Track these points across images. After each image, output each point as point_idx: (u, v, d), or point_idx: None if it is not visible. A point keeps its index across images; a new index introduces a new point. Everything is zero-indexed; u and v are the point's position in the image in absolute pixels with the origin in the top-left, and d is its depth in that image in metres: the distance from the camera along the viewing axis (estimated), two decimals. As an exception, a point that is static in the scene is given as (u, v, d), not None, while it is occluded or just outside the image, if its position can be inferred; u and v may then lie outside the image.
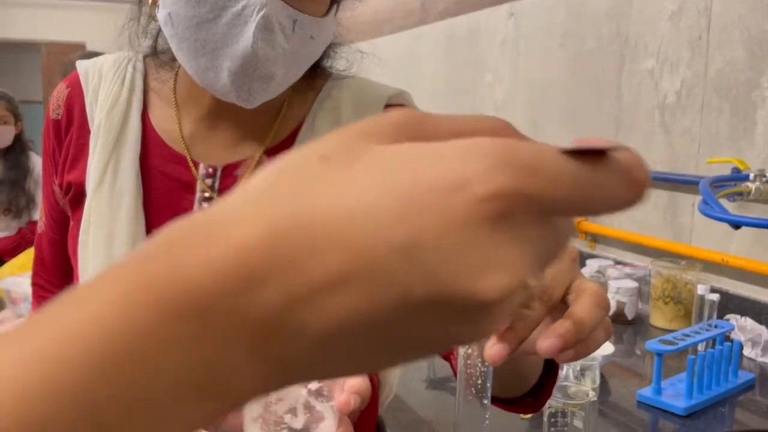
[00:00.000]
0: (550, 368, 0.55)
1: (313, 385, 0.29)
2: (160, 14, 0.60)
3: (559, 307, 0.34)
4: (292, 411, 0.29)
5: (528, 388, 0.54)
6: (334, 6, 0.64)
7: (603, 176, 0.19)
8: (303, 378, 0.20)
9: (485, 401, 0.32)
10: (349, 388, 0.33)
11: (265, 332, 0.18)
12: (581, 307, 0.33)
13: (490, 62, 2.40)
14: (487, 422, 0.33)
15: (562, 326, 0.32)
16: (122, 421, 0.17)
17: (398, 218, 0.17)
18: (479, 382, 0.31)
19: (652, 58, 1.68)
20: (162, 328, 0.17)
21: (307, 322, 0.17)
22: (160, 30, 0.67)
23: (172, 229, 0.19)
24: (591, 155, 0.19)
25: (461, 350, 0.33)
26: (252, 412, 0.29)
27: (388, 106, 0.69)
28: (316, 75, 0.69)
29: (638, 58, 1.73)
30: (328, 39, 0.65)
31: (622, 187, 0.19)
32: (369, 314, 0.17)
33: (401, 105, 0.71)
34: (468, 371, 0.31)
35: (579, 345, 0.32)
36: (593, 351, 0.33)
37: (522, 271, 0.17)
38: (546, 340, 0.31)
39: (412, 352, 0.19)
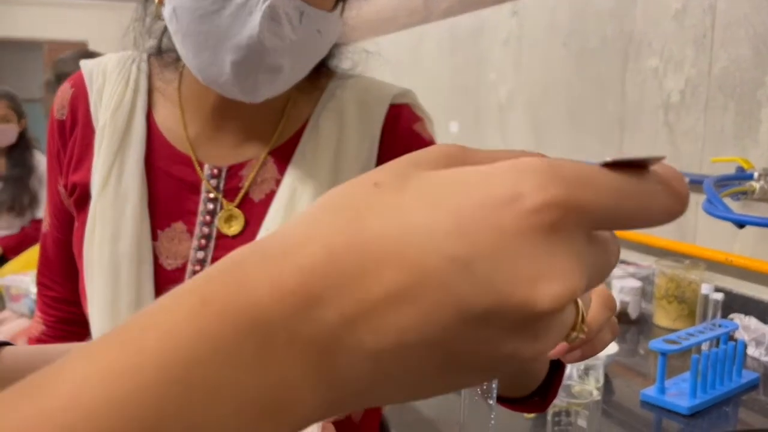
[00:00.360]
0: (557, 367, 0.55)
1: None
2: (166, 11, 0.60)
3: None
4: None
5: (534, 388, 0.55)
6: (341, 3, 0.64)
7: (647, 187, 0.19)
8: (361, 401, 0.19)
9: (491, 401, 0.32)
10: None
11: (324, 351, 0.18)
12: (588, 309, 0.33)
13: (494, 61, 2.39)
14: (492, 422, 0.33)
15: None
16: None
17: (452, 232, 0.17)
18: (484, 385, 0.31)
19: (656, 56, 1.68)
20: (225, 344, 0.17)
21: (365, 340, 0.18)
22: (164, 30, 0.67)
23: (236, 254, 0.19)
24: (632, 168, 0.19)
25: None
26: None
27: (392, 105, 0.69)
28: (321, 74, 0.69)
29: (642, 56, 1.72)
30: (335, 36, 0.65)
31: (666, 198, 0.20)
32: (426, 329, 0.17)
33: (406, 104, 0.71)
34: None
35: (585, 346, 0.32)
36: (600, 351, 0.34)
37: (574, 281, 0.18)
38: None
39: (472, 372, 0.19)
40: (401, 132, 0.69)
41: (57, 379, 0.17)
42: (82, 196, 0.68)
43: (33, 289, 1.62)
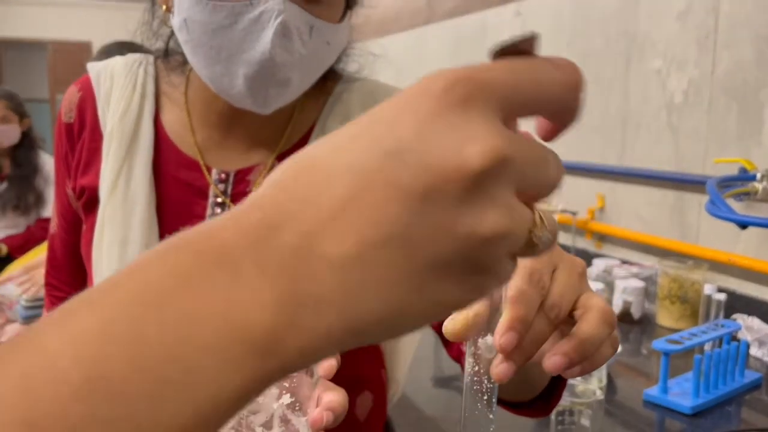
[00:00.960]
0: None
1: (287, 399, 0.29)
2: (175, 20, 0.60)
3: (567, 321, 0.34)
4: (267, 424, 0.29)
5: (537, 392, 0.55)
6: (348, 12, 0.64)
7: (536, 64, 0.22)
8: (340, 317, 0.19)
9: (491, 416, 0.32)
10: (324, 405, 0.33)
11: (290, 273, 0.19)
12: (587, 325, 0.33)
13: (497, 61, 2.40)
14: (492, 427, 0.34)
15: (568, 344, 0.32)
16: (168, 364, 0.18)
17: (379, 130, 0.20)
18: (485, 398, 0.32)
19: (659, 57, 1.68)
20: (197, 277, 0.19)
21: (327, 251, 0.19)
22: (171, 34, 0.67)
23: (210, 221, 0.21)
24: (521, 53, 0.22)
25: (467, 367, 0.33)
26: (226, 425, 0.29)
27: None
28: (327, 79, 0.69)
29: (645, 57, 1.73)
30: (342, 45, 0.65)
31: (557, 71, 0.22)
32: (380, 225, 0.19)
33: None
34: (474, 387, 0.32)
35: (585, 362, 0.32)
36: (599, 366, 0.33)
37: (496, 140, 0.19)
38: (551, 358, 0.32)
39: (443, 268, 0.20)
40: None
41: (45, 324, 0.19)
42: (90, 200, 0.68)
43: (23, 296, 1.64)
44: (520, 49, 0.22)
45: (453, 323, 0.34)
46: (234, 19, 0.56)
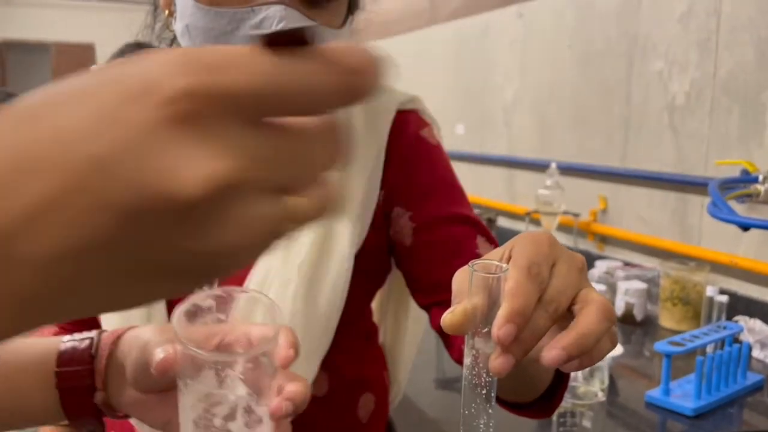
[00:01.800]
0: (562, 372, 0.55)
1: (245, 390, 0.29)
2: (177, 26, 0.61)
3: (566, 316, 0.35)
4: (230, 416, 0.29)
5: (539, 393, 0.55)
6: (350, 17, 0.64)
7: (306, 65, 0.18)
8: (48, 313, 0.19)
9: (490, 410, 0.33)
10: (284, 395, 0.33)
11: None
12: (586, 320, 0.33)
13: (500, 63, 2.40)
14: (491, 430, 0.34)
15: (566, 338, 0.32)
16: None
17: (92, 131, 0.17)
18: (484, 392, 0.32)
19: (660, 59, 1.68)
20: None
21: (24, 251, 0.17)
22: (174, 38, 0.67)
23: None
24: (293, 45, 0.18)
25: (466, 361, 0.33)
26: (189, 414, 0.29)
27: (399, 112, 0.70)
28: None
29: (647, 59, 1.73)
30: None
31: (334, 73, 0.18)
32: (83, 233, 0.17)
33: (413, 110, 0.72)
34: (473, 381, 0.32)
35: (584, 356, 0.32)
36: (598, 361, 0.33)
37: (221, 165, 0.17)
38: (550, 352, 0.32)
39: (164, 274, 0.19)
40: (408, 137, 0.70)
41: None
42: None
43: None
44: (292, 38, 0.18)
45: (451, 316, 0.34)
46: (236, 25, 0.56)
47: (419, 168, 0.69)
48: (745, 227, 1.12)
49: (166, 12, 0.64)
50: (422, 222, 0.67)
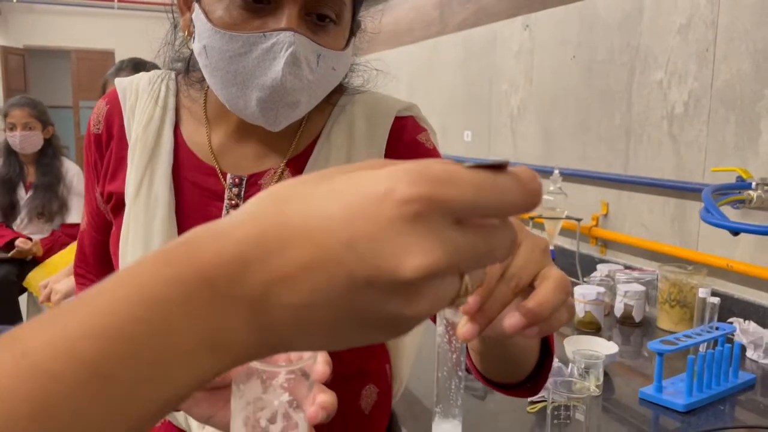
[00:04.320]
0: (546, 355, 0.60)
1: (287, 397, 0.33)
2: (196, 46, 0.66)
3: (529, 291, 0.38)
4: (272, 418, 0.33)
5: (524, 374, 0.60)
6: (352, 38, 0.69)
7: (502, 183, 0.25)
8: (291, 343, 0.26)
9: (460, 373, 0.37)
10: (318, 403, 0.37)
11: (254, 305, 0.24)
12: (543, 291, 0.37)
13: (506, 72, 2.44)
14: (461, 391, 0.38)
15: (525, 306, 0.36)
16: (154, 369, 0.24)
17: (343, 220, 0.24)
18: (454, 356, 0.36)
19: (661, 69, 1.73)
20: (179, 297, 0.24)
21: (284, 298, 0.24)
22: (191, 54, 0.72)
23: (197, 229, 0.26)
24: (493, 169, 0.25)
25: (438, 329, 0.37)
26: (239, 414, 0.34)
27: (398, 118, 0.75)
28: (333, 91, 0.74)
29: (648, 69, 1.77)
30: (347, 67, 0.70)
31: (518, 193, 0.25)
32: (327, 292, 0.24)
33: (410, 116, 0.76)
34: (444, 347, 0.36)
35: (542, 323, 0.36)
36: (557, 328, 0.38)
37: (433, 257, 0.23)
38: (510, 318, 0.36)
39: (374, 327, 0.25)
40: (405, 142, 0.74)
41: (45, 320, 0.24)
42: (117, 204, 0.74)
43: None
44: (493, 165, 0.25)
45: None
46: (249, 48, 0.61)
47: None
48: (735, 232, 1.17)
49: (186, 32, 0.69)
50: None
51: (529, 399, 1.15)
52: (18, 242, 2.68)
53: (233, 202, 0.72)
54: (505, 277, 0.37)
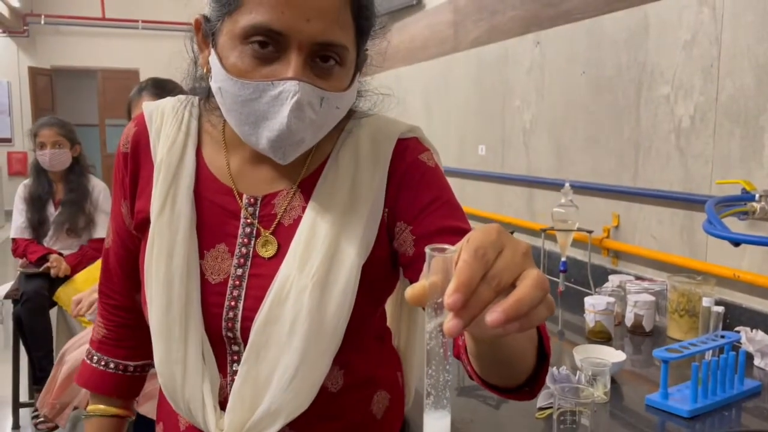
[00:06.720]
0: (543, 359, 0.63)
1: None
2: (213, 84, 0.72)
3: (510, 291, 0.41)
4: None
5: (522, 377, 0.63)
6: (356, 77, 0.74)
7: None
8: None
9: (448, 366, 0.40)
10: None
11: None
12: (522, 289, 0.39)
13: (518, 88, 2.49)
14: (449, 383, 0.41)
15: (505, 302, 0.39)
16: None
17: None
18: (441, 351, 0.40)
19: (667, 84, 1.77)
20: None
21: None
22: (210, 87, 0.77)
23: None
24: None
25: (427, 325, 0.41)
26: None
27: (401, 140, 0.79)
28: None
29: (655, 84, 1.81)
30: (350, 104, 0.75)
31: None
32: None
33: (413, 137, 0.80)
34: (433, 342, 0.40)
35: (522, 318, 0.39)
36: (536, 324, 0.41)
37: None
38: (491, 314, 0.38)
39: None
40: (408, 161, 0.78)
41: None
42: (143, 221, 0.80)
43: None
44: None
45: (412, 291, 0.41)
46: (259, 94, 0.67)
47: (418, 187, 0.76)
48: (736, 243, 1.21)
49: (204, 69, 0.75)
50: (422, 233, 0.75)
51: (538, 405, 1.19)
52: (50, 262, 2.79)
53: (248, 220, 0.77)
54: (487, 277, 0.40)
